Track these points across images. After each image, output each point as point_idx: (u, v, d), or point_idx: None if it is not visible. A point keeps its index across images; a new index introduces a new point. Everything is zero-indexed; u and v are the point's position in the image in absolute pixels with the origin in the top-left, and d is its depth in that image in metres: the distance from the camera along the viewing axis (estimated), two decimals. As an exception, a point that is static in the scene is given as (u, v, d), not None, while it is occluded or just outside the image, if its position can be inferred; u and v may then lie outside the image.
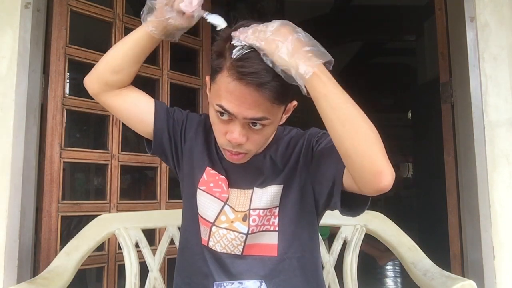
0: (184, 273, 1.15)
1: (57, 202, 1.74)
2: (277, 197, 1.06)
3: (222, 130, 0.97)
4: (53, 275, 1.27)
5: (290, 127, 1.15)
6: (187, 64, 2.33)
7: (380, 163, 0.83)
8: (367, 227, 1.48)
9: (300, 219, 1.07)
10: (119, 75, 1.06)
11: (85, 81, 1.09)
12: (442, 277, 1.25)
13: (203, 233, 1.09)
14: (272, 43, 0.85)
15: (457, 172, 1.98)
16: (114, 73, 1.05)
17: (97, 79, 1.07)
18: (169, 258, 1.87)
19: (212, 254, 1.08)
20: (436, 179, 3.01)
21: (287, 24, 0.87)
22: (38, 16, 1.70)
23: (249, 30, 0.88)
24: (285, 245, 1.06)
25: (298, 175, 1.06)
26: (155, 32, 1.00)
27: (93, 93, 1.09)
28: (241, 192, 1.08)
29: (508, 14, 1.88)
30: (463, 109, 1.91)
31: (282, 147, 1.10)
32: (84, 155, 1.89)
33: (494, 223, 1.78)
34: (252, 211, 1.05)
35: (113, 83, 1.06)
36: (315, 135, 1.07)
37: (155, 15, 0.98)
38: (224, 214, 1.07)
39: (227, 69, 0.90)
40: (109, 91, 1.07)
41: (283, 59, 0.84)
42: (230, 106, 0.91)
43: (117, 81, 1.06)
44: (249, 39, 0.87)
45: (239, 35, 0.89)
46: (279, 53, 0.84)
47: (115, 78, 1.06)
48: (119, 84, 1.07)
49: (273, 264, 1.06)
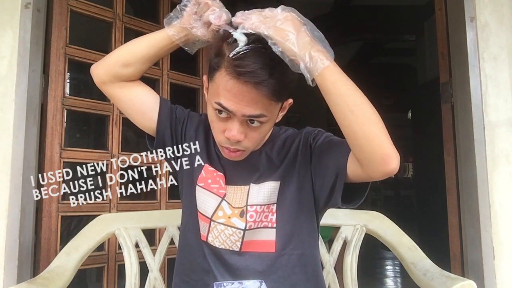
0: (183, 271, 1.15)
1: (57, 202, 1.74)
2: (275, 193, 1.07)
3: (221, 127, 0.98)
4: (53, 275, 1.27)
5: (286, 127, 1.17)
6: (187, 64, 2.33)
7: (389, 146, 0.86)
8: (367, 227, 1.48)
9: (299, 216, 1.08)
10: (129, 69, 1.06)
11: (93, 69, 1.09)
12: (442, 277, 1.25)
13: (203, 229, 1.10)
14: (282, 32, 0.86)
15: (457, 172, 1.98)
16: (124, 67, 1.05)
17: (106, 69, 1.07)
18: (169, 258, 1.87)
19: (211, 249, 1.09)
20: (436, 179, 3.01)
21: (293, 12, 0.89)
22: (38, 16, 1.70)
23: (253, 16, 0.88)
24: (283, 241, 1.07)
25: (296, 172, 1.07)
26: (176, 37, 1.00)
27: (99, 82, 1.09)
28: (238, 189, 1.09)
29: (508, 14, 1.88)
30: (463, 109, 1.91)
31: (278, 144, 1.11)
32: (84, 155, 1.88)
33: (494, 223, 1.78)
34: (249, 207, 1.06)
35: (121, 76, 1.06)
36: (311, 132, 1.10)
37: (181, 21, 0.99)
38: (221, 210, 1.08)
39: (225, 67, 0.91)
40: (115, 82, 1.07)
41: (293, 50, 0.85)
42: (228, 103, 0.92)
43: (125, 75, 1.07)
44: (256, 26, 0.87)
45: (243, 23, 0.89)
46: (289, 44, 0.85)
47: (125, 71, 1.06)
48: (127, 78, 1.07)
49: (271, 261, 1.06)
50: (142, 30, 2.08)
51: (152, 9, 2.21)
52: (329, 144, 1.03)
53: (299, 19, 0.89)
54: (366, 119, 0.86)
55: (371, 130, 0.86)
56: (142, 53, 1.05)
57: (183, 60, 2.26)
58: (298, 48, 0.85)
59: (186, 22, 0.98)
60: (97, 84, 1.10)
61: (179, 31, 1.00)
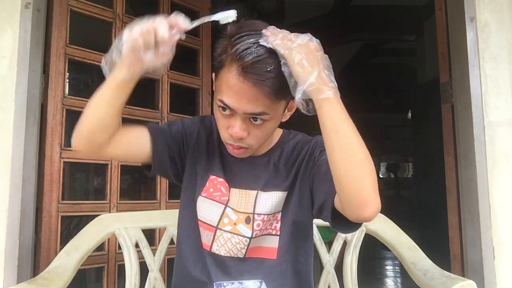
0: (178, 286, 1.14)
1: (57, 202, 1.74)
2: (281, 203, 1.07)
3: (225, 124, 0.98)
4: (53, 275, 1.27)
5: (295, 132, 1.16)
6: (187, 64, 2.33)
7: (368, 194, 0.84)
8: (367, 227, 1.48)
9: (298, 224, 1.08)
10: (107, 132, 0.98)
11: (75, 146, 1.00)
12: (442, 277, 1.25)
13: (206, 238, 1.09)
14: (295, 54, 0.86)
15: (457, 172, 1.98)
16: (102, 133, 0.98)
17: (88, 143, 0.99)
18: (169, 258, 1.87)
19: (213, 258, 1.08)
20: (436, 179, 3.01)
21: (316, 42, 0.89)
22: (38, 16, 1.70)
23: (280, 35, 0.89)
24: (284, 248, 1.07)
25: (299, 181, 1.08)
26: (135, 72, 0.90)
27: (87, 154, 1.06)
28: (242, 193, 1.08)
29: (508, 14, 1.88)
30: (463, 109, 1.91)
31: (287, 152, 1.11)
32: (84, 155, 1.89)
33: (494, 223, 1.78)
34: (257, 215, 1.06)
35: (104, 140, 0.99)
36: (320, 144, 1.07)
37: (128, 58, 0.88)
38: (226, 217, 1.07)
39: (228, 65, 0.92)
40: (103, 147, 1.01)
41: (300, 73, 0.85)
42: (230, 101, 0.93)
43: (107, 137, 0.99)
44: (276, 44, 0.88)
45: (269, 37, 0.90)
46: (298, 67, 0.85)
47: (105, 136, 0.99)
48: (111, 137, 1.00)
49: (271, 267, 1.07)
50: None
51: (152, 9, 2.21)
52: (328, 165, 0.99)
53: (318, 49, 0.88)
54: (352, 162, 0.85)
55: (355, 173, 0.84)
56: (109, 113, 0.96)
57: (183, 60, 2.26)
58: (304, 74, 0.85)
59: (135, 57, 0.88)
60: (88, 154, 1.04)
61: (133, 65, 0.89)
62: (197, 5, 2.33)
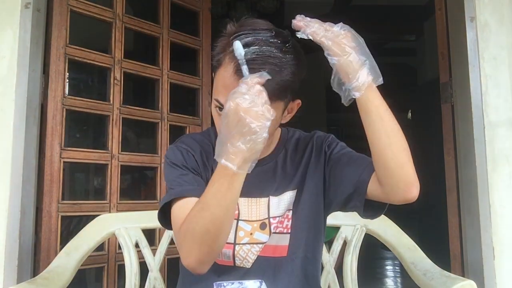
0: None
1: (57, 202, 1.74)
2: (292, 201, 1.08)
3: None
4: (53, 275, 1.27)
5: (292, 129, 1.16)
6: (187, 64, 2.33)
7: (414, 176, 0.91)
8: (367, 227, 1.48)
9: (309, 220, 1.08)
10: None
11: (195, 269, 0.92)
12: (442, 277, 1.25)
13: (226, 257, 1.05)
14: (340, 46, 0.87)
15: (457, 172, 1.98)
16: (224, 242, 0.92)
17: (211, 262, 0.93)
18: (169, 258, 1.87)
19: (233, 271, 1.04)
20: (436, 179, 3.01)
21: (351, 30, 0.90)
22: (38, 16, 1.70)
23: (315, 25, 0.89)
24: (295, 246, 1.07)
25: (309, 178, 1.08)
26: (248, 165, 0.84)
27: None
28: (252, 201, 1.07)
29: (508, 14, 1.88)
30: (463, 109, 1.91)
31: (291, 151, 1.11)
32: (84, 155, 1.89)
33: (494, 223, 1.78)
34: (272, 219, 1.06)
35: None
36: (324, 138, 1.10)
37: (230, 151, 0.81)
38: (241, 230, 1.06)
39: (224, 64, 0.92)
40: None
41: (348, 66, 0.86)
42: (225, 100, 0.90)
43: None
44: (317, 35, 0.88)
45: (305, 29, 0.88)
46: (348, 59, 0.86)
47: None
48: None
49: (281, 265, 1.06)
50: (142, 30, 2.09)
51: (152, 9, 2.21)
52: (349, 157, 1.05)
53: (357, 38, 0.90)
54: (399, 146, 0.90)
55: (402, 157, 0.90)
56: (231, 218, 0.92)
57: (183, 60, 2.26)
58: (353, 65, 0.86)
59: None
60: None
61: (242, 158, 0.82)
62: (197, 5, 2.32)
